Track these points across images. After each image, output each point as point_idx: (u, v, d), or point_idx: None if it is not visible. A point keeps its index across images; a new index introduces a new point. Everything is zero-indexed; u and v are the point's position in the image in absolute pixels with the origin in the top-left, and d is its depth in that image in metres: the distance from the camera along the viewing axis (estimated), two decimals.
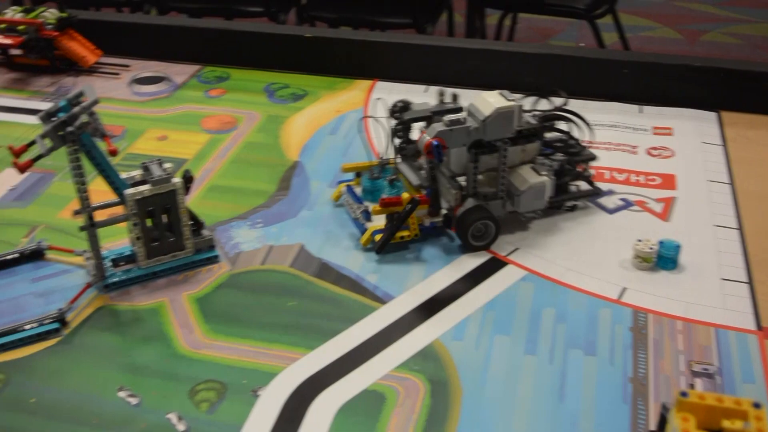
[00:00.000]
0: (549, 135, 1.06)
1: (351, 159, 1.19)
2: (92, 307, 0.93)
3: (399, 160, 1.07)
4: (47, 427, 0.79)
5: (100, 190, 0.95)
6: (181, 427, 0.79)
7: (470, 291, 0.94)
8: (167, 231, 0.96)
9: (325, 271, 0.98)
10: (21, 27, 1.45)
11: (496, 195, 1.00)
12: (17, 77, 1.49)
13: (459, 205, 0.99)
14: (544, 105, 1.09)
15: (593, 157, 1.07)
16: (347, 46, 1.45)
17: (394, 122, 1.04)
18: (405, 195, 1.00)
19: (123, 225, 0.97)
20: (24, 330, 0.89)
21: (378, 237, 1.00)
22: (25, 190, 1.15)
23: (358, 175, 1.09)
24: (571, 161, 1.06)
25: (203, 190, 1.14)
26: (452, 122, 0.97)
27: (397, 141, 1.05)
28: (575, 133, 1.08)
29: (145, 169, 0.95)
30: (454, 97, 1.06)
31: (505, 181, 1.00)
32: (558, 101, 1.08)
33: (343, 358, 0.86)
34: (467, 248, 1.00)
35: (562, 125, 1.07)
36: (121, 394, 0.82)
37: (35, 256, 1.01)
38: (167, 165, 0.95)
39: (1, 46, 1.47)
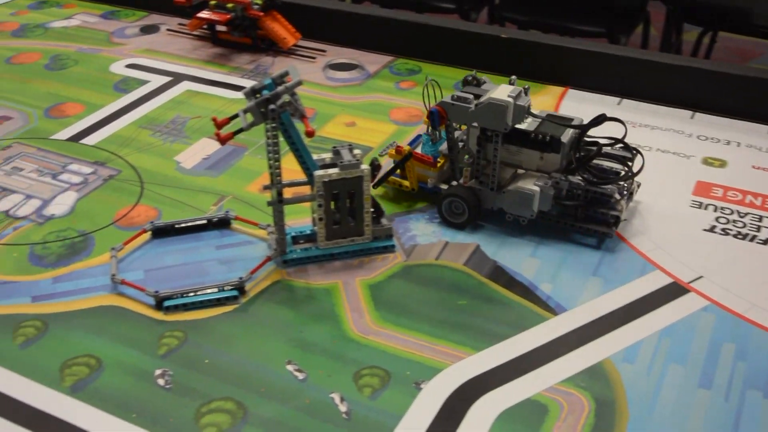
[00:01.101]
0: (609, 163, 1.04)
1: None
2: (269, 279, 0.97)
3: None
4: (217, 388, 0.82)
5: (285, 168, 0.98)
6: (342, 408, 0.80)
7: (647, 314, 0.91)
8: (349, 215, 0.98)
9: (499, 274, 0.97)
10: (230, 5, 1.51)
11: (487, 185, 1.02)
12: (220, 52, 1.56)
13: (466, 182, 1.04)
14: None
15: (610, 196, 1.00)
16: (542, 50, 1.43)
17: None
18: (406, 148, 1.07)
19: (306, 205, 1.00)
20: (205, 293, 0.93)
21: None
22: (217, 161, 1.20)
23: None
24: (587, 189, 1.00)
25: None
26: (459, 98, 1.00)
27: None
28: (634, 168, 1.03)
29: (336, 153, 0.97)
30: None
31: (496, 174, 1.01)
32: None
33: (508, 363, 0.85)
34: (441, 219, 1.05)
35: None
36: (289, 367, 0.85)
37: (222, 224, 1.05)
38: (357, 151, 0.96)
39: (209, 22, 1.55)
